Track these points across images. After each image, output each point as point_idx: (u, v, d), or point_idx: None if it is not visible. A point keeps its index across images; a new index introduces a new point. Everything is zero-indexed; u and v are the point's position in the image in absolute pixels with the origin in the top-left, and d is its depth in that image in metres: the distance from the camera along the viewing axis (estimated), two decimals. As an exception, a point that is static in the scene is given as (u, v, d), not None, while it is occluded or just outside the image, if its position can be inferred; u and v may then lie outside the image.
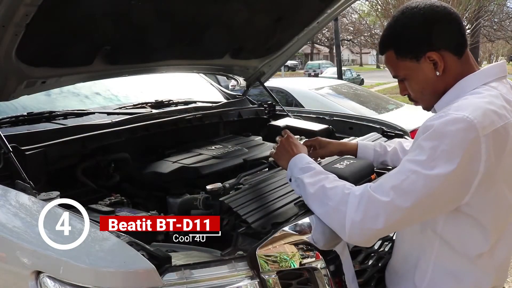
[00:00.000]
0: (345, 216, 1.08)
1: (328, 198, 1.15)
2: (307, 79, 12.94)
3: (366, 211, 1.05)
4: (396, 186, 1.04)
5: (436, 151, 1.01)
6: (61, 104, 2.15)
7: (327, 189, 1.16)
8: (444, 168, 1.00)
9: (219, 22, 2.04)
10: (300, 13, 2.27)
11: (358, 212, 1.06)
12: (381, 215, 1.04)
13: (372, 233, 1.07)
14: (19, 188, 1.35)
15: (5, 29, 1.35)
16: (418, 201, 1.03)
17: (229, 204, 1.35)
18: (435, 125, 1.04)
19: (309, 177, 1.23)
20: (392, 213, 1.04)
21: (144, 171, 1.88)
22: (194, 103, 2.49)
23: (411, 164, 1.05)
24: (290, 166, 1.34)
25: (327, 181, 1.19)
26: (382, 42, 1.23)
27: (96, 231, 1.12)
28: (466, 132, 1.00)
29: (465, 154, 1.00)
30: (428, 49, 1.14)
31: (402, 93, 1.27)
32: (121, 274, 1.01)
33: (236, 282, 1.08)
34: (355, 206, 1.07)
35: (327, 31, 28.53)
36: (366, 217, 1.05)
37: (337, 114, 2.66)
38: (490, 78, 1.15)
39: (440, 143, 1.01)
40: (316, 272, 1.17)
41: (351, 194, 1.10)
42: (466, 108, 1.04)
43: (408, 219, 1.08)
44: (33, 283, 1.07)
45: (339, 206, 1.11)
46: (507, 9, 17.68)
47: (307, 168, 1.27)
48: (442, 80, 1.16)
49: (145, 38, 1.89)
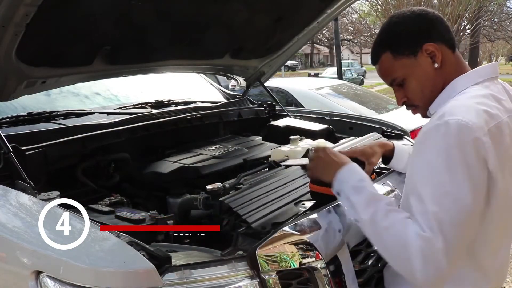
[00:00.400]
0: (413, 270, 1.04)
1: (387, 240, 1.09)
2: (307, 79, 12.94)
3: (435, 263, 1.02)
4: (441, 221, 1.02)
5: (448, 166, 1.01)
6: (61, 104, 2.15)
7: (384, 228, 1.09)
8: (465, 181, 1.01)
9: (219, 22, 2.04)
10: (300, 13, 2.27)
11: (428, 268, 1.03)
12: (444, 260, 1.02)
13: (443, 275, 1.05)
14: (19, 188, 1.35)
15: (5, 29, 1.35)
16: (464, 228, 1.04)
17: (229, 204, 1.35)
18: (433, 134, 1.05)
19: (363, 205, 1.14)
20: (451, 251, 1.03)
21: (144, 171, 1.88)
22: (194, 103, 2.49)
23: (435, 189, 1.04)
24: (338, 179, 1.22)
25: (381, 214, 1.11)
26: (376, 48, 1.24)
27: (96, 231, 1.12)
28: (466, 137, 1.01)
29: (474, 158, 1.01)
30: (424, 41, 1.16)
31: (399, 102, 1.26)
32: (121, 274, 1.01)
33: (236, 282, 1.08)
34: (423, 261, 1.02)
35: (327, 31, 28.52)
36: (436, 268, 1.02)
37: (337, 114, 2.66)
38: (481, 78, 1.16)
39: (448, 154, 1.02)
40: (316, 272, 1.17)
41: (413, 244, 1.04)
42: (458, 110, 1.05)
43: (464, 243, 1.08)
44: (33, 283, 1.07)
45: (402, 255, 1.06)
46: (507, 9, 17.69)
47: (360, 188, 1.17)
48: (441, 75, 1.17)
49: (145, 38, 1.89)
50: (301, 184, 1.54)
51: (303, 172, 1.62)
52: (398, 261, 1.08)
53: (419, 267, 1.02)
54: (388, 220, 1.09)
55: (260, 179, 1.57)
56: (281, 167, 1.72)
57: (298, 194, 1.48)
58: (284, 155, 1.89)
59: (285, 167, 1.72)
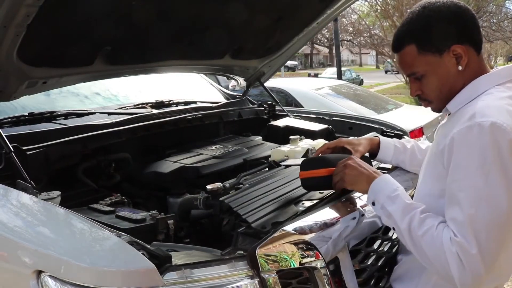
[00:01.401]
0: (451, 275, 1.05)
1: (424, 246, 1.10)
2: (306, 79, 12.94)
3: (471, 269, 1.02)
4: (475, 226, 1.02)
5: (483, 168, 1.01)
6: (61, 104, 2.16)
7: (420, 236, 1.10)
8: (501, 183, 1.00)
9: (219, 22, 2.05)
10: (300, 13, 2.27)
11: (465, 274, 1.03)
12: (481, 266, 1.02)
13: (482, 280, 1.05)
14: (20, 188, 1.35)
15: (6, 29, 1.35)
16: (499, 236, 1.03)
17: (229, 203, 1.35)
18: (466, 136, 1.03)
19: (401, 216, 1.14)
20: (487, 256, 1.03)
21: (144, 171, 1.89)
22: (194, 103, 2.50)
23: (470, 192, 1.03)
24: (373, 189, 1.23)
25: (416, 222, 1.12)
26: (401, 37, 1.19)
27: (97, 230, 1.13)
28: (501, 139, 1.00)
29: (509, 159, 1.01)
30: (454, 42, 1.13)
31: (413, 93, 1.23)
32: (121, 273, 1.01)
33: (236, 281, 1.08)
34: (460, 268, 1.03)
35: (326, 32, 28.52)
36: (473, 274, 1.03)
37: (336, 114, 2.67)
38: (503, 80, 1.14)
39: (483, 156, 1.01)
40: (315, 272, 1.17)
41: (448, 250, 1.05)
42: (490, 112, 1.04)
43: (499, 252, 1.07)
44: (34, 282, 1.08)
45: (439, 261, 1.07)
46: (505, 10, 17.69)
47: (395, 198, 1.18)
48: (462, 76, 1.15)
49: (146, 38, 1.90)
50: (301, 184, 1.54)
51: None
52: (437, 267, 1.09)
53: (456, 273, 1.03)
54: (423, 228, 1.10)
55: (260, 179, 1.58)
56: (281, 167, 1.73)
57: (298, 194, 1.49)
58: (284, 155, 1.89)
59: (285, 167, 1.72)
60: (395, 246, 1.42)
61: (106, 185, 1.81)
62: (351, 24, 20.76)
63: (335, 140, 1.59)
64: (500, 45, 21.12)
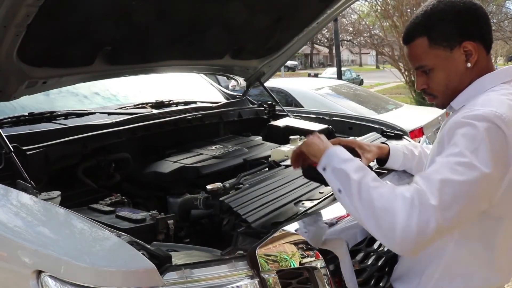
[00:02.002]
0: (395, 221, 0.97)
1: (374, 197, 1.03)
2: (306, 79, 12.95)
3: (420, 216, 0.96)
4: (444, 190, 0.98)
5: (472, 151, 0.99)
6: (60, 104, 2.16)
7: (372, 188, 1.04)
8: (485, 168, 0.98)
9: (219, 22, 2.05)
10: (300, 13, 2.27)
11: (411, 218, 0.96)
12: (433, 222, 0.96)
13: (425, 241, 0.99)
14: (20, 188, 1.35)
15: (6, 29, 1.35)
16: (463, 207, 0.99)
17: (229, 203, 1.36)
18: (466, 121, 1.03)
19: (354, 171, 1.09)
20: (444, 221, 0.97)
21: (144, 171, 1.89)
22: (194, 103, 2.50)
23: (455, 164, 1.00)
24: (328, 154, 1.17)
25: (371, 178, 1.07)
26: (413, 29, 1.19)
27: (97, 230, 1.13)
28: (498, 128, 1.00)
29: (500, 151, 1.00)
30: (465, 38, 1.13)
31: (419, 87, 1.23)
32: (121, 273, 1.01)
33: (236, 281, 1.08)
34: (408, 211, 0.96)
35: (326, 32, 28.53)
36: (420, 223, 0.95)
37: (336, 114, 2.67)
38: (508, 78, 1.15)
39: (476, 142, 1.00)
40: (315, 272, 1.17)
41: (401, 196, 0.99)
42: (491, 103, 1.05)
43: (454, 226, 1.03)
44: (34, 282, 1.08)
45: (387, 207, 0.99)
46: (505, 10, 17.70)
47: (350, 160, 1.14)
48: (469, 73, 1.15)
49: (146, 38, 1.90)
50: (301, 184, 1.54)
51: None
52: (380, 217, 1.00)
53: (402, 221, 0.95)
54: (377, 182, 1.06)
55: (260, 179, 1.58)
56: (281, 167, 1.73)
57: (298, 194, 1.49)
58: (284, 155, 1.89)
59: (285, 167, 1.72)
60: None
61: (106, 185, 1.81)
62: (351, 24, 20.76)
63: (348, 139, 1.57)
64: (500, 45, 21.12)
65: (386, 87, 19.28)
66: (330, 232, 1.26)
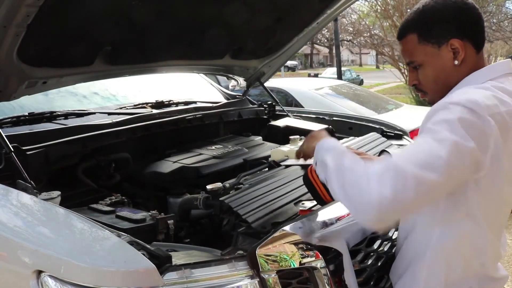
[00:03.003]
0: (369, 191, 0.96)
1: (347, 174, 1.03)
2: (306, 79, 12.95)
3: (394, 182, 0.95)
4: (421, 158, 0.98)
5: (451, 128, 1.00)
6: (59, 104, 2.16)
7: (347, 167, 1.05)
8: (464, 140, 0.99)
9: (219, 22, 2.05)
10: (300, 13, 2.27)
11: (385, 185, 0.94)
12: (410, 184, 0.95)
13: (404, 206, 0.98)
14: (20, 188, 1.35)
15: (6, 29, 1.35)
16: (445, 171, 0.98)
17: (229, 203, 1.36)
18: (440, 107, 1.05)
19: (331, 156, 1.11)
20: (422, 185, 0.96)
21: (144, 171, 1.89)
22: (194, 103, 2.50)
23: (429, 138, 1.01)
24: (316, 150, 1.21)
25: (347, 157, 1.08)
26: (406, 25, 1.23)
27: (97, 230, 1.13)
28: (472, 111, 1.01)
29: (477, 130, 1.01)
30: (452, 36, 1.15)
31: (410, 82, 1.26)
32: (121, 273, 1.01)
33: (236, 281, 1.08)
34: (379, 179, 0.96)
35: (326, 32, 28.52)
36: (395, 188, 0.94)
37: (336, 114, 2.67)
38: (496, 74, 1.16)
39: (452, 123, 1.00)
40: (315, 272, 1.17)
41: (373, 167, 1.00)
42: (469, 93, 1.07)
43: (435, 192, 1.02)
44: (34, 282, 1.08)
45: (361, 180, 0.99)
46: (505, 10, 17.68)
47: (331, 148, 1.16)
48: (458, 71, 1.17)
49: (146, 38, 1.90)
50: (301, 184, 1.54)
51: (303, 172, 1.62)
52: (355, 191, 0.99)
53: (384, 189, 0.94)
54: (355, 159, 1.06)
55: (260, 179, 1.58)
56: (281, 167, 1.73)
57: (298, 194, 1.49)
58: (284, 155, 1.89)
59: (285, 167, 1.72)
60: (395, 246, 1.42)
61: (106, 185, 1.81)
62: (351, 24, 20.74)
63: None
64: (500, 45, 21.11)
65: (386, 87, 19.28)
66: (330, 232, 1.26)
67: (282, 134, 2.33)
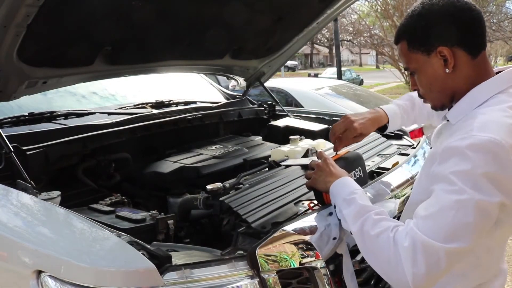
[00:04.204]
0: (403, 272, 0.99)
1: (376, 248, 1.06)
2: (306, 79, 12.94)
3: (426, 261, 0.97)
4: (450, 229, 0.98)
5: (475, 186, 0.97)
6: (58, 104, 2.16)
7: (373, 237, 1.07)
8: (487, 195, 0.97)
9: (219, 22, 2.05)
10: (300, 13, 2.27)
11: (418, 265, 0.98)
12: (443, 259, 0.97)
13: (438, 277, 1.01)
14: (20, 188, 1.35)
15: (6, 29, 1.35)
16: (474, 236, 0.99)
17: (229, 203, 1.35)
18: (462, 150, 0.99)
19: (352, 216, 1.14)
20: (453, 256, 0.99)
21: (144, 171, 1.89)
22: (194, 103, 2.50)
23: (452, 196, 0.99)
24: (332, 193, 1.25)
25: (369, 224, 1.09)
26: (398, 31, 1.19)
27: (97, 230, 1.13)
28: (498, 156, 0.97)
29: (504, 181, 0.98)
30: (439, 44, 1.10)
31: (411, 87, 1.24)
32: (121, 273, 1.01)
33: (236, 281, 1.08)
34: (411, 260, 0.98)
35: (326, 32, 28.52)
36: (428, 266, 0.97)
37: (336, 114, 2.67)
38: (505, 85, 1.10)
39: (477, 177, 0.97)
40: (315, 272, 1.17)
41: (400, 246, 1.01)
42: (489, 127, 1.00)
43: (466, 254, 1.04)
44: (34, 282, 1.08)
45: (391, 260, 1.02)
46: (505, 10, 17.67)
47: (350, 201, 1.17)
48: (452, 79, 1.12)
49: (146, 38, 1.90)
50: (301, 184, 1.54)
51: (303, 172, 1.62)
52: (388, 269, 1.03)
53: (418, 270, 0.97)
54: (376, 229, 1.07)
55: (260, 179, 1.58)
56: (281, 167, 1.72)
57: (298, 194, 1.49)
58: (284, 155, 1.89)
59: (285, 167, 1.72)
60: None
61: (106, 185, 1.81)
62: (351, 24, 20.75)
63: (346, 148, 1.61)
64: (500, 45, 21.11)
65: (386, 87, 19.28)
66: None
67: (282, 134, 2.33)
